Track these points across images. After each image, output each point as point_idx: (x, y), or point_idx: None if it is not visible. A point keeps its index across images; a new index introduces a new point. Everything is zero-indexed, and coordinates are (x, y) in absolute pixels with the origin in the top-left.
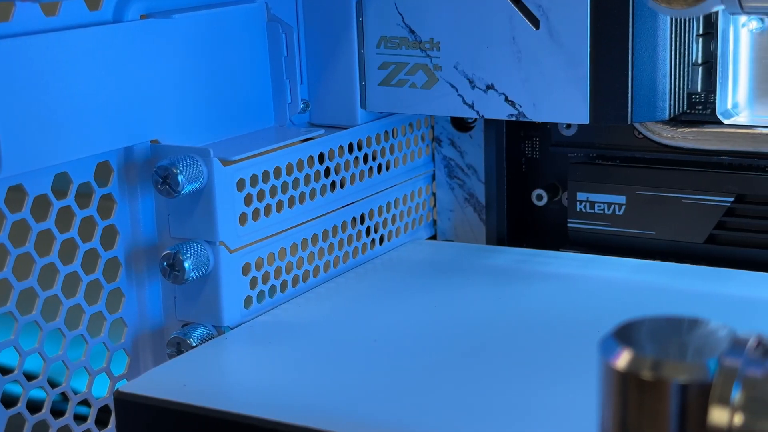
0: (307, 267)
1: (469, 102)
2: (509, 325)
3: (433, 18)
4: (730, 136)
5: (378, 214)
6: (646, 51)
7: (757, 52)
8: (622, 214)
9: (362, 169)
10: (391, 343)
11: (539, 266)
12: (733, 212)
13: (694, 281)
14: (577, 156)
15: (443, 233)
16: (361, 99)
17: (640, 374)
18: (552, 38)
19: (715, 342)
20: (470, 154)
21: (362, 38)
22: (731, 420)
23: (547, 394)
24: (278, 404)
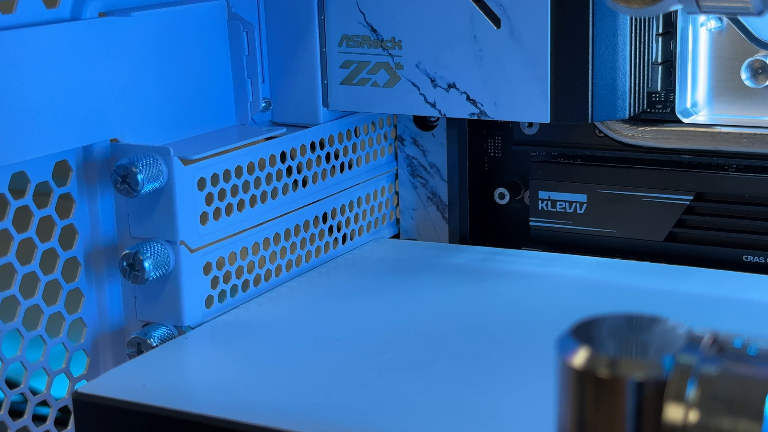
0: (269, 266)
1: (431, 101)
2: (471, 324)
3: (395, 17)
4: (689, 135)
5: (341, 212)
6: (607, 50)
7: (715, 51)
8: (583, 213)
9: (325, 168)
10: (353, 342)
11: (501, 264)
12: (693, 210)
13: (654, 279)
14: (539, 155)
15: (406, 232)
16: (323, 98)
17: (597, 372)
18: (513, 37)
19: (672, 339)
20: (433, 152)
21: (324, 37)
22: (686, 417)
23: (507, 391)
24: (239, 404)
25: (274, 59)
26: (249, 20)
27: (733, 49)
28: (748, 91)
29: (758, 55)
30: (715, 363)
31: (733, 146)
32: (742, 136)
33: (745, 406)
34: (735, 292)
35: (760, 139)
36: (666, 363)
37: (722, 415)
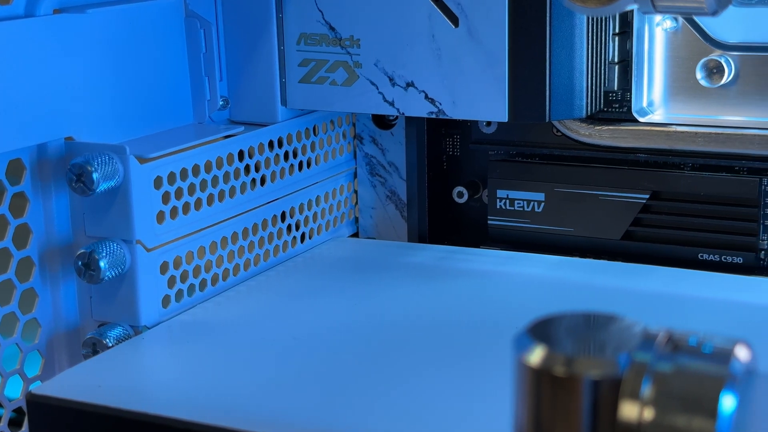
0: (227, 265)
1: (389, 99)
2: (430, 322)
3: (353, 15)
4: (645, 134)
5: (299, 211)
6: (564, 50)
7: (671, 50)
8: (541, 211)
9: (283, 167)
10: (312, 341)
11: (460, 263)
12: (649, 209)
13: (610, 277)
14: (497, 153)
15: (365, 231)
16: (282, 96)
17: (553, 370)
18: (471, 36)
19: (628, 337)
20: (391, 151)
21: (282, 35)
22: (641, 414)
23: (466, 390)
24: (195, 404)
25: (231, 57)
26: (206, 18)
27: (689, 49)
28: (703, 91)
29: (713, 54)
30: (670, 361)
31: (689, 145)
32: (697, 135)
33: (700, 403)
34: (690, 290)
35: (715, 138)
36: (621, 361)
37: (677, 412)
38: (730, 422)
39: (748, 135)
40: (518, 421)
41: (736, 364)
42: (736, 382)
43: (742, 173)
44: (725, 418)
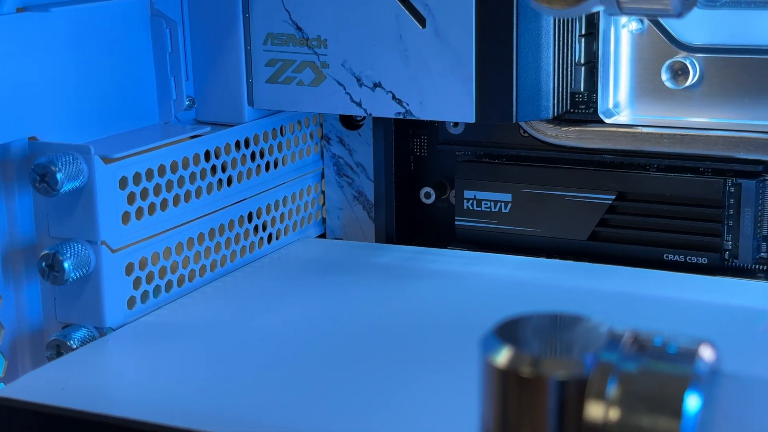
0: (193, 266)
1: (356, 100)
2: (396, 323)
3: (320, 15)
4: (611, 135)
5: (266, 212)
6: (530, 51)
7: (636, 52)
8: (508, 212)
9: (250, 167)
10: (278, 342)
11: (427, 264)
12: (615, 210)
13: (577, 278)
14: (464, 154)
15: (332, 231)
16: (248, 96)
17: (520, 371)
18: (438, 37)
19: (594, 338)
20: (359, 152)
21: (249, 35)
22: (606, 414)
23: (432, 390)
24: (161, 407)
25: (198, 57)
26: (172, 17)
27: (654, 51)
28: (669, 92)
29: (678, 56)
30: (636, 361)
31: (654, 146)
32: (662, 136)
33: (664, 403)
34: (656, 291)
35: (680, 139)
36: (587, 362)
37: (642, 412)
38: (694, 422)
39: (712, 136)
40: (485, 421)
41: (700, 364)
42: (701, 382)
43: (706, 174)
44: (690, 417)
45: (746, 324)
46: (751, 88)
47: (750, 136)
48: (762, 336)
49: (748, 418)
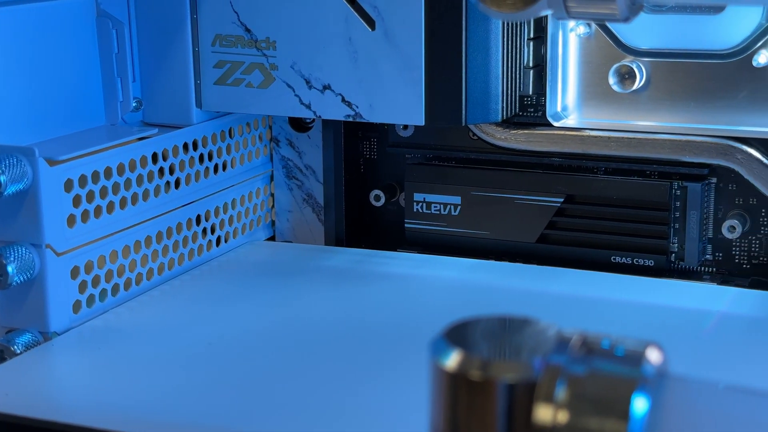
0: (140, 269)
1: (306, 102)
2: (346, 326)
3: (269, 17)
4: (559, 138)
5: (215, 214)
6: (480, 54)
7: (584, 56)
8: (457, 215)
9: (198, 170)
10: (226, 346)
11: (377, 266)
12: (563, 212)
13: (526, 280)
14: (414, 157)
15: (282, 234)
16: (197, 98)
17: (469, 374)
18: (388, 40)
19: (542, 341)
20: (308, 154)
21: (197, 36)
22: (555, 417)
23: (382, 394)
24: (106, 412)
25: (145, 58)
26: (118, 18)
27: (601, 55)
28: (616, 96)
29: (625, 60)
30: (584, 364)
31: (602, 149)
32: (610, 139)
33: (612, 405)
34: (603, 293)
35: (627, 142)
36: (536, 365)
37: (590, 414)
38: (642, 424)
39: (659, 140)
40: (434, 425)
41: (647, 367)
42: (648, 384)
43: (653, 177)
44: (637, 420)
45: (692, 325)
46: (697, 92)
47: (696, 139)
48: (708, 337)
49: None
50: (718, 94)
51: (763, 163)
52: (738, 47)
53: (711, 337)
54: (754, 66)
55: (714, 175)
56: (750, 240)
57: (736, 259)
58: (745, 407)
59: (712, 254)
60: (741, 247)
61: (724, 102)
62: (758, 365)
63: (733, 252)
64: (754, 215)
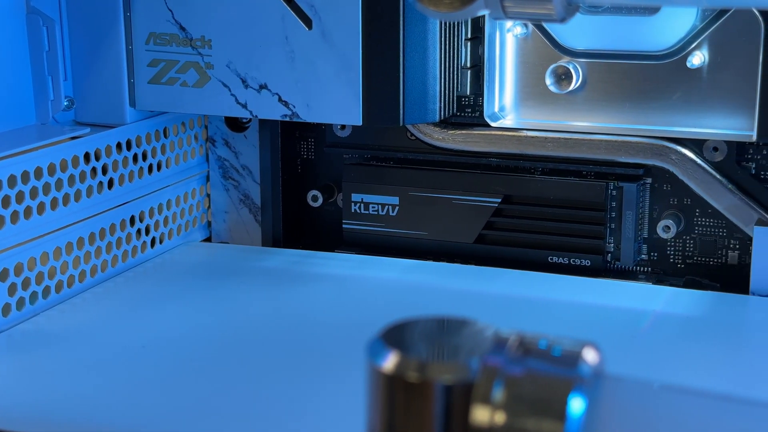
0: (72, 272)
1: (242, 102)
2: (283, 328)
3: (204, 15)
4: (497, 139)
5: (149, 215)
6: (417, 54)
7: (521, 56)
8: (395, 215)
9: (132, 170)
10: (161, 349)
11: (314, 267)
12: (501, 213)
13: (464, 280)
14: (352, 157)
15: (218, 235)
16: (130, 97)
17: (406, 376)
18: (325, 39)
19: (480, 342)
20: (245, 154)
21: (130, 34)
22: (492, 418)
23: (319, 396)
24: (36, 417)
25: (77, 56)
26: (49, 15)
27: (538, 55)
28: (553, 97)
29: (561, 61)
30: (521, 364)
31: (539, 150)
32: (547, 140)
33: (549, 406)
34: (541, 293)
35: (564, 143)
36: (473, 366)
37: (527, 415)
38: (578, 424)
39: (595, 140)
40: (371, 427)
41: (584, 367)
42: (585, 384)
43: (589, 178)
44: (574, 420)
45: (628, 325)
46: (632, 93)
47: (631, 140)
48: (643, 337)
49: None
50: (653, 95)
51: (697, 164)
52: (672, 48)
53: (646, 337)
54: (688, 67)
55: (649, 175)
56: (684, 240)
57: (670, 258)
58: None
59: (647, 254)
60: (675, 247)
61: (659, 103)
62: (692, 364)
63: (667, 252)
64: (689, 215)
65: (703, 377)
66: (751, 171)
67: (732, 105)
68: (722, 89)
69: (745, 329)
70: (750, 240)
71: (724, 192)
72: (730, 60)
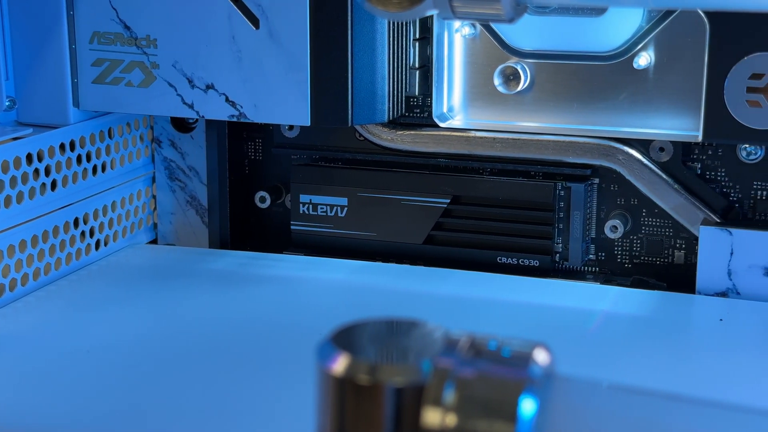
0: (14, 275)
1: (188, 102)
2: (231, 331)
3: (150, 14)
4: (445, 139)
5: (94, 217)
6: (366, 54)
7: (470, 57)
8: (344, 216)
9: (76, 171)
10: (107, 353)
11: (262, 269)
12: (450, 213)
13: (413, 281)
14: (300, 158)
15: (164, 237)
16: (74, 97)
17: (356, 379)
18: (272, 39)
19: (430, 343)
20: (191, 155)
21: (73, 33)
22: (443, 420)
23: (268, 400)
24: None
25: (18, 56)
26: None
27: (487, 56)
28: (501, 97)
29: (510, 62)
30: (472, 366)
31: (487, 150)
32: (495, 140)
33: (500, 407)
34: (490, 294)
35: (512, 143)
36: (424, 367)
37: (478, 417)
38: (529, 425)
39: (543, 141)
40: (322, 431)
41: (534, 368)
42: (535, 385)
43: (537, 178)
44: (525, 421)
45: (577, 325)
46: (580, 94)
47: (579, 140)
48: (592, 337)
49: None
50: (601, 95)
51: (643, 164)
52: (619, 49)
53: (595, 337)
54: (634, 68)
55: (596, 175)
56: (631, 240)
57: (618, 258)
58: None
59: (595, 254)
60: (623, 247)
61: (607, 103)
62: (640, 364)
63: (615, 252)
64: (635, 215)
65: (651, 376)
66: (696, 171)
67: (678, 105)
68: (668, 90)
69: (691, 328)
70: (696, 239)
71: (671, 192)
72: (676, 61)
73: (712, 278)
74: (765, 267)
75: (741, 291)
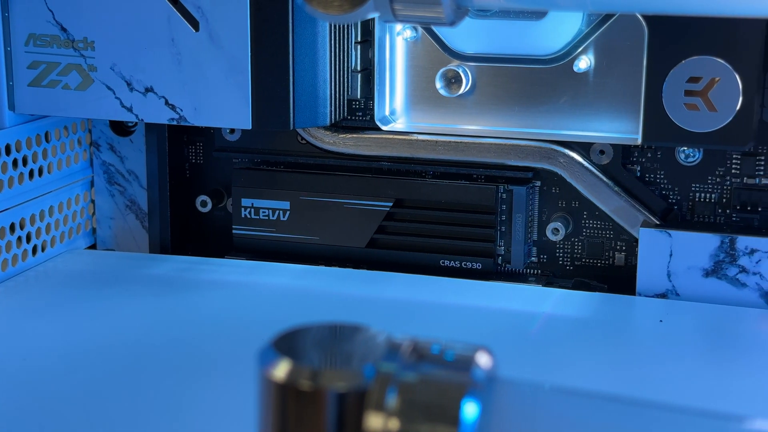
0: None
1: (127, 105)
2: (172, 337)
3: (87, 16)
4: (388, 142)
5: (31, 222)
6: (307, 57)
7: (411, 60)
8: (286, 220)
9: (12, 175)
10: (44, 361)
11: (204, 274)
12: (392, 216)
13: (356, 285)
14: (242, 161)
15: (103, 242)
16: (9, 100)
17: (298, 384)
18: (212, 41)
19: (373, 348)
20: (131, 159)
21: (8, 35)
22: (386, 425)
23: (209, 406)
24: None
25: None
26: None
27: (428, 59)
28: (443, 100)
29: (451, 65)
30: (414, 370)
31: (430, 153)
32: (437, 143)
33: (443, 411)
34: (433, 297)
35: (454, 146)
36: (367, 372)
37: (421, 421)
38: (472, 428)
39: (485, 144)
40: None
41: (477, 371)
42: (478, 388)
43: (479, 181)
44: (467, 424)
45: (519, 327)
46: (521, 97)
47: (520, 143)
48: (534, 339)
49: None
50: (541, 99)
51: (584, 167)
52: (559, 53)
53: (537, 339)
54: (575, 71)
55: (538, 178)
56: (573, 242)
57: (560, 261)
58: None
59: (537, 256)
60: (564, 249)
61: (548, 107)
62: (581, 365)
63: (557, 254)
64: (577, 217)
65: (592, 378)
66: (636, 173)
67: (618, 109)
68: (608, 93)
69: (631, 329)
70: (636, 241)
71: (611, 194)
72: (616, 64)
73: (651, 280)
74: (703, 268)
75: (680, 292)
